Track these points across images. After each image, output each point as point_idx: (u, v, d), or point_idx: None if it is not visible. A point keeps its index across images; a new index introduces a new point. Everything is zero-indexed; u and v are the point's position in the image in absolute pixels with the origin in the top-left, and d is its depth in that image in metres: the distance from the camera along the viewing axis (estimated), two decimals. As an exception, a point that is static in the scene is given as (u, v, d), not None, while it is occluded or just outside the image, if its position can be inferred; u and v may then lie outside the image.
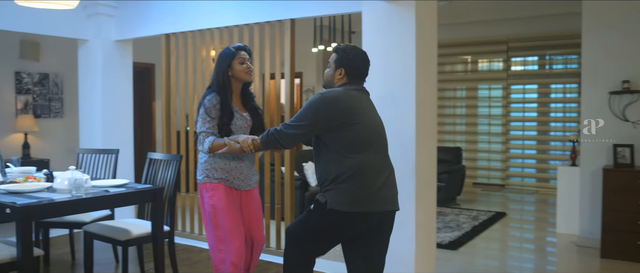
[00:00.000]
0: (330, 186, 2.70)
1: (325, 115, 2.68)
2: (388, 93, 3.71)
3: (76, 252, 4.67)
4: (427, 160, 3.82)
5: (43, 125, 7.00)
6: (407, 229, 3.67)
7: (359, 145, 2.71)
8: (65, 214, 3.10)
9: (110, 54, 5.71)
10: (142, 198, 3.45)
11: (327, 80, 2.89)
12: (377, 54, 3.76)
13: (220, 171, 3.11)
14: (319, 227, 2.78)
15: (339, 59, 2.82)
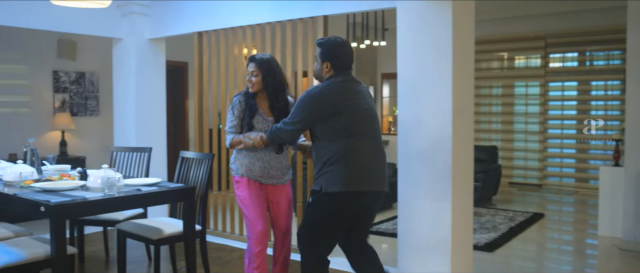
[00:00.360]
0: (322, 171, 2.94)
1: (314, 110, 2.94)
2: (423, 91, 3.62)
3: (110, 249, 4.71)
4: (464, 160, 3.70)
5: (79, 123, 7.10)
6: (443, 230, 3.57)
7: (346, 131, 2.92)
8: (97, 213, 3.12)
9: (143, 52, 5.75)
10: (174, 197, 3.44)
11: (317, 75, 3.09)
12: (412, 52, 3.67)
13: (244, 167, 3.39)
14: (320, 216, 2.99)
15: (322, 53, 3.00)
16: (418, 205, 3.69)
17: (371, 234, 5.70)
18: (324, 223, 3.01)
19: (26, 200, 2.93)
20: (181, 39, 6.04)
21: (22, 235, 3.40)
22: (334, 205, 2.94)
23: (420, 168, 3.66)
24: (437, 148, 3.55)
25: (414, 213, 3.72)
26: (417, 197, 3.70)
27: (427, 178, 3.63)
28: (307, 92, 2.99)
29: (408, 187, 3.74)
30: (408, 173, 3.74)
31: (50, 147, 6.81)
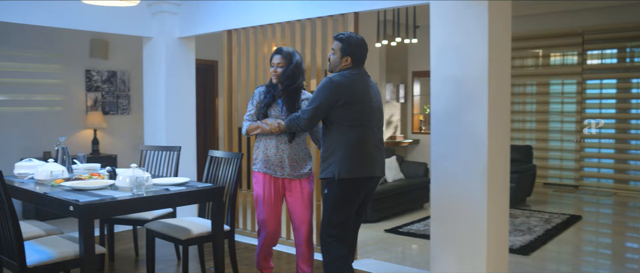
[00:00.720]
0: (333, 157, 3.15)
1: (333, 96, 3.11)
2: (458, 90, 3.50)
3: (140, 247, 4.72)
4: (500, 160, 3.58)
5: (111, 121, 7.17)
6: (478, 232, 3.46)
7: (359, 120, 3.16)
8: (125, 213, 3.10)
9: (173, 51, 5.76)
10: (202, 197, 3.40)
11: (333, 66, 3.26)
12: (446, 50, 3.56)
13: (260, 162, 3.53)
14: (338, 201, 3.18)
15: (344, 48, 3.20)
16: (452, 206, 3.58)
17: (399, 234, 5.61)
18: (342, 209, 3.21)
19: (56, 199, 2.93)
20: (211, 37, 6.04)
21: (53, 234, 3.42)
22: (350, 190, 3.17)
23: (454, 168, 3.55)
24: (473, 147, 3.44)
25: (448, 215, 3.61)
26: (452, 198, 3.59)
27: (461, 179, 3.51)
28: (329, 78, 3.15)
29: (442, 187, 3.63)
30: (442, 174, 3.63)
31: (83, 145, 6.89)
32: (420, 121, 10.64)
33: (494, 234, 3.53)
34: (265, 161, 3.49)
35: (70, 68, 6.80)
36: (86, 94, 6.95)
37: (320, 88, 3.15)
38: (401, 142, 10.03)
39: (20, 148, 6.34)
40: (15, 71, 6.32)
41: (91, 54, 6.93)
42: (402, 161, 7.56)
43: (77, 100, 6.88)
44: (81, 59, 6.88)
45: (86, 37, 6.85)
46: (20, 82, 6.37)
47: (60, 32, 6.52)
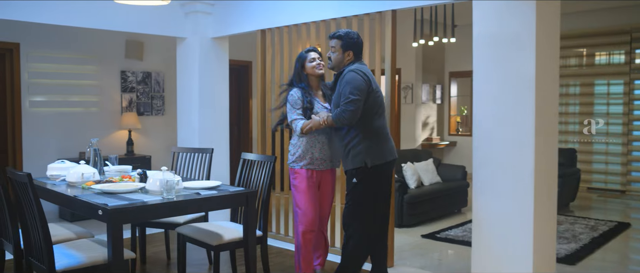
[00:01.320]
0: (360, 148, 3.33)
1: (365, 87, 3.30)
2: (503, 91, 3.31)
3: (171, 251, 4.65)
4: (547, 163, 3.36)
5: (145, 122, 7.17)
6: (524, 241, 3.25)
7: (380, 108, 3.41)
8: (155, 218, 3.02)
9: (206, 51, 5.70)
10: (234, 202, 3.30)
11: (337, 63, 3.48)
12: (491, 49, 3.37)
13: (304, 159, 3.59)
14: (370, 190, 3.38)
15: (345, 44, 3.43)
16: (496, 213, 3.39)
17: (436, 240, 5.43)
18: (374, 197, 3.41)
19: (85, 203, 2.87)
20: (245, 37, 5.96)
21: (83, 237, 3.36)
22: (380, 175, 3.38)
23: (498, 172, 3.35)
24: (518, 151, 3.24)
25: (491, 222, 3.42)
26: (495, 204, 3.39)
27: (506, 184, 3.32)
28: (353, 71, 3.32)
29: (485, 192, 3.43)
30: (485, 178, 3.43)
31: (118, 146, 6.91)
32: (457, 123, 10.39)
33: (540, 243, 3.32)
34: (311, 157, 3.59)
35: (106, 69, 6.82)
36: (121, 94, 6.96)
37: (354, 80, 3.28)
38: (437, 144, 9.80)
39: (56, 149, 6.38)
40: (52, 72, 6.37)
41: (126, 54, 6.94)
42: (439, 164, 7.34)
43: (112, 101, 6.90)
44: (116, 60, 6.90)
45: (121, 38, 6.87)
46: (57, 83, 6.41)
47: (96, 33, 6.54)
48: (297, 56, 3.74)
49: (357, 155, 3.33)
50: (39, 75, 6.28)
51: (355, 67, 3.36)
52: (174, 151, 4.55)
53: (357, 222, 3.42)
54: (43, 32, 6.21)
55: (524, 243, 3.25)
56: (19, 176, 2.71)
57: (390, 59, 4.25)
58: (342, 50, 3.43)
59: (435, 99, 10.08)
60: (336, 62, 3.46)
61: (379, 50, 4.33)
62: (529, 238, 3.24)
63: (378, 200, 3.44)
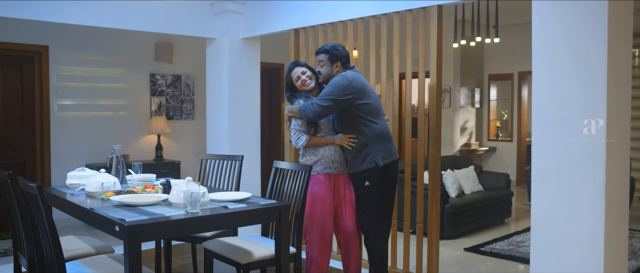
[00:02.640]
0: (367, 150, 3.43)
1: (347, 92, 3.38)
2: (569, 94, 2.92)
3: (198, 263, 4.38)
4: (619, 172, 2.96)
5: (175, 126, 6.97)
6: (593, 261, 2.85)
7: (377, 112, 3.49)
8: (178, 235, 2.73)
9: (237, 52, 5.42)
10: (266, 216, 2.96)
11: (327, 76, 3.55)
12: (554, 49, 2.97)
13: (321, 165, 3.53)
14: (384, 189, 3.48)
15: (332, 57, 3.54)
16: (560, 230, 2.99)
17: (481, 254, 5.04)
18: (390, 196, 3.54)
19: (101, 217, 2.60)
20: (277, 38, 5.69)
21: (103, 252, 3.10)
22: (391, 174, 3.48)
23: (562, 187, 2.96)
24: (586, 163, 2.85)
25: (554, 239, 3.02)
26: (558, 222, 3.00)
27: (571, 200, 2.92)
28: (341, 76, 3.44)
29: (546, 209, 3.04)
30: (546, 193, 3.04)
31: (146, 151, 6.71)
32: (497, 128, 9.94)
33: (611, 264, 2.92)
34: (327, 162, 3.55)
35: (135, 72, 6.64)
36: (150, 98, 6.77)
37: (336, 84, 3.39)
38: (476, 149, 9.38)
39: (85, 153, 6.22)
40: (81, 75, 6.22)
41: (156, 57, 6.75)
42: (481, 171, 6.94)
43: (141, 105, 6.71)
44: (146, 63, 6.72)
45: (151, 40, 6.68)
46: (85, 86, 6.26)
47: (125, 35, 6.38)
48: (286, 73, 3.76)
49: (366, 158, 3.44)
50: (68, 79, 6.13)
51: (344, 73, 3.47)
52: (201, 158, 4.28)
53: (376, 222, 3.51)
54: (72, 34, 6.06)
55: (593, 263, 2.86)
56: (29, 187, 2.47)
57: (436, 59, 3.90)
58: (330, 62, 3.54)
59: (474, 102, 9.66)
60: (326, 75, 3.56)
61: (423, 50, 3.98)
62: (599, 258, 2.85)
63: (390, 199, 3.56)
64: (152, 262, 4.29)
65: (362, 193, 3.49)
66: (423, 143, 4.14)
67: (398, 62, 4.17)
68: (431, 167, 3.94)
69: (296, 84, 3.62)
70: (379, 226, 3.52)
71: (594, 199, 2.83)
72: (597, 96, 2.81)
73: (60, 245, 2.45)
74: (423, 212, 4.13)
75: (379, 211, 3.48)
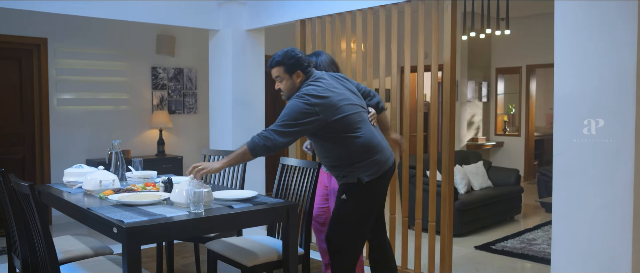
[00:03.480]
0: (349, 169, 2.83)
1: (307, 115, 2.76)
2: (594, 89, 2.75)
3: (202, 263, 4.22)
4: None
5: (177, 121, 6.81)
6: (620, 265, 2.70)
7: (355, 124, 2.82)
8: (180, 236, 2.57)
9: (241, 44, 5.26)
10: (273, 217, 2.78)
11: (290, 91, 2.92)
12: (578, 40, 2.81)
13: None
14: (363, 207, 2.88)
15: (288, 67, 2.86)
16: (584, 232, 2.84)
17: (492, 252, 4.90)
18: (369, 212, 2.93)
19: (98, 218, 2.44)
20: (281, 30, 5.52)
21: (101, 254, 2.95)
22: (375, 189, 2.88)
23: (585, 185, 2.81)
24: (613, 161, 2.69)
25: (577, 241, 2.87)
26: (581, 223, 2.84)
27: (596, 200, 2.77)
28: (299, 97, 2.79)
29: (568, 208, 2.89)
30: (569, 192, 2.88)
31: (148, 146, 6.56)
32: (504, 122, 9.77)
33: (638, 266, 2.76)
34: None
35: (136, 65, 6.48)
36: (152, 92, 6.62)
37: (291, 107, 2.79)
38: (483, 144, 9.22)
39: (85, 149, 6.08)
40: (81, 69, 6.06)
41: (157, 50, 6.59)
42: (490, 167, 6.78)
43: (142, 99, 6.56)
44: (147, 56, 6.56)
45: (152, 32, 6.52)
46: (86, 80, 6.11)
47: (126, 27, 6.23)
48: None
49: (347, 174, 2.86)
50: (68, 72, 5.98)
51: (302, 92, 2.82)
52: (204, 154, 4.12)
53: (342, 238, 2.93)
54: (71, 26, 5.90)
55: (621, 263, 2.70)
56: (21, 186, 2.32)
57: (450, 52, 3.74)
58: (287, 74, 2.88)
59: (481, 96, 9.48)
60: (289, 90, 2.92)
61: (437, 42, 3.81)
62: (627, 258, 2.69)
63: (373, 212, 2.98)
64: (152, 262, 4.14)
65: (338, 204, 2.93)
66: (434, 139, 3.97)
67: (409, 55, 4.00)
68: (445, 163, 3.78)
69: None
70: (344, 242, 2.94)
71: (621, 198, 2.67)
72: (625, 91, 2.64)
73: (54, 247, 2.30)
74: (436, 210, 3.97)
75: (347, 228, 2.92)
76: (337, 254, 2.93)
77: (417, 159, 4.06)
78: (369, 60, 4.27)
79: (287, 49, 2.91)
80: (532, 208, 7.09)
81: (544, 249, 5.05)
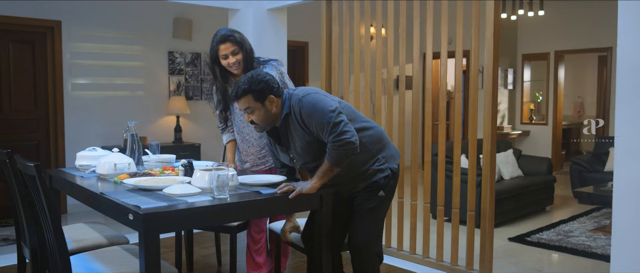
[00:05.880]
0: (381, 158, 2.62)
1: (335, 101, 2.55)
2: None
3: (223, 254, 4.00)
4: None
5: (194, 107, 6.59)
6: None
7: (358, 114, 2.64)
8: (202, 224, 2.32)
9: (262, 24, 4.99)
10: (304, 203, 2.46)
11: (268, 120, 2.51)
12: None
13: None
14: (390, 199, 2.72)
15: (258, 94, 2.44)
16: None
17: (527, 244, 4.63)
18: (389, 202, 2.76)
19: (113, 203, 2.20)
20: (302, 12, 5.25)
21: (117, 243, 2.72)
22: (396, 180, 2.72)
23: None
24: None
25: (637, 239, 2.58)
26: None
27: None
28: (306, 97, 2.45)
29: (632, 198, 2.59)
30: (629, 180, 2.59)
31: (165, 133, 6.36)
32: (530, 110, 9.43)
33: None
34: None
35: (153, 49, 6.27)
36: (169, 77, 6.40)
37: (316, 104, 2.43)
38: (509, 133, 8.91)
39: (100, 135, 5.88)
40: (96, 52, 5.86)
41: (174, 34, 6.36)
42: (520, 156, 6.47)
43: (159, 84, 6.34)
44: (164, 40, 6.34)
45: (169, 16, 6.30)
46: (101, 64, 5.91)
47: (142, 10, 6.01)
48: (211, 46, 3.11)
49: (379, 166, 2.62)
50: (82, 56, 5.78)
51: (298, 99, 2.47)
52: (226, 139, 3.86)
53: (378, 237, 2.72)
54: (86, 8, 5.70)
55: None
56: (27, 167, 2.09)
57: (493, 39, 3.48)
58: (259, 103, 2.46)
59: (507, 84, 9.15)
60: (264, 120, 2.50)
61: (477, 28, 3.54)
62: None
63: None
64: (171, 252, 3.92)
65: (373, 206, 2.65)
66: (474, 125, 3.75)
67: (446, 38, 3.74)
68: (486, 149, 3.53)
69: (224, 64, 3.07)
70: (379, 241, 2.75)
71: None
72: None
73: (63, 235, 2.06)
74: (475, 200, 3.72)
75: (380, 226, 2.74)
76: (377, 259, 2.69)
77: (454, 145, 3.82)
78: (392, 45, 4.01)
79: (252, 74, 2.48)
80: (563, 199, 6.77)
81: (583, 241, 4.76)
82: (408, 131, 5.91)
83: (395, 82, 7.42)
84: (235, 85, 2.48)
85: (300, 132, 2.48)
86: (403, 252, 4.13)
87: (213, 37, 3.09)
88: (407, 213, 4.54)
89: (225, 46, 3.00)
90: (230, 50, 3.00)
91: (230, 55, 3.01)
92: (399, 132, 4.16)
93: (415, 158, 4.21)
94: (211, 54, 3.08)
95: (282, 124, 2.53)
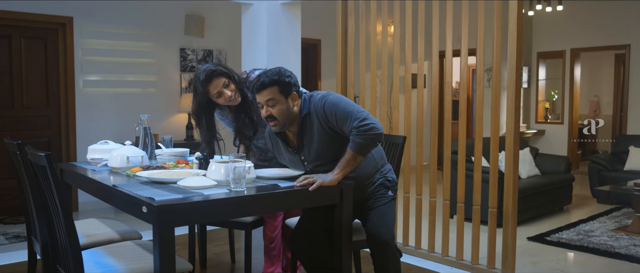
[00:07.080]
0: (383, 170, 2.69)
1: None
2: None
3: (236, 251, 3.91)
4: None
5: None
6: None
7: None
8: (218, 218, 2.23)
9: (276, 19, 4.90)
10: (324, 197, 2.38)
11: (287, 117, 2.48)
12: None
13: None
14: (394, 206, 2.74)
15: (283, 88, 2.44)
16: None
17: (547, 244, 4.54)
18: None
19: (126, 196, 2.13)
20: (315, 9, 5.16)
21: (129, 238, 2.65)
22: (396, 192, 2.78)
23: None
24: None
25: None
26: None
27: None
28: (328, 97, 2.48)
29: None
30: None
31: (177, 130, 6.30)
32: (545, 109, 9.28)
33: None
34: None
35: (164, 46, 6.21)
36: (180, 74, 6.34)
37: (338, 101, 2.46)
38: (524, 132, 8.77)
39: (111, 132, 5.82)
40: (107, 49, 5.81)
41: (186, 31, 6.31)
42: (537, 154, 6.35)
43: (170, 81, 6.29)
44: (175, 37, 6.29)
45: (181, 12, 6.24)
46: (112, 61, 5.86)
47: (154, 7, 5.96)
48: (194, 84, 2.83)
49: (385, 174, 2.70)
50: (94, 53, 5.73)
51: (321, 97, 2.50)
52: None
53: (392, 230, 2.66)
54: (97, 5, 5.66)
55: None
56: (38, 157, 2.01)
57: (516, 35, 3.39)
58: (283, 96, 2.44)
59: (521, 82, 9.00)
60: (285, 116, 2.47)
61: (498, 25, 3.45)
62: None
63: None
64: (184, 250, 3.85)
65: (384, 202, 2.65)
66: (495, 123, 3.67)
67: (467, 35, 3.65)
68: (509, 146, 3.44)
69: (219, 101, 2.80)
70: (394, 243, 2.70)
71: None
72: None
73: (74, 228, 1.99)
74: (498, 198, 3.62)
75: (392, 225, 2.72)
76: (396, 252, 2.64)
77: (474, 143, 3.74)
78: (420, 42, 3.92)
79: (278, 69, 2.48)
80: (581, 198, 6.63)
81: (605, 241, 4.63)
82: (427, 128, 5.81)
83: (413, 79, 7.32)
84: (259, 76, 2.42)
85: (320, 132, 2.46)
86: (421, 251, 4.03)
87: (194, 82, 2.77)
88: (426, 211, 4.45)
89: (214, 84, 2.69)
90: (222, 84, 2.70)
91: (224, 90, 2.72)
92: (417, 129, 4.06)
93: (434, 155, 4.12)
94: (199, 99, 2.75)
95: (299, 124, 2.50)
